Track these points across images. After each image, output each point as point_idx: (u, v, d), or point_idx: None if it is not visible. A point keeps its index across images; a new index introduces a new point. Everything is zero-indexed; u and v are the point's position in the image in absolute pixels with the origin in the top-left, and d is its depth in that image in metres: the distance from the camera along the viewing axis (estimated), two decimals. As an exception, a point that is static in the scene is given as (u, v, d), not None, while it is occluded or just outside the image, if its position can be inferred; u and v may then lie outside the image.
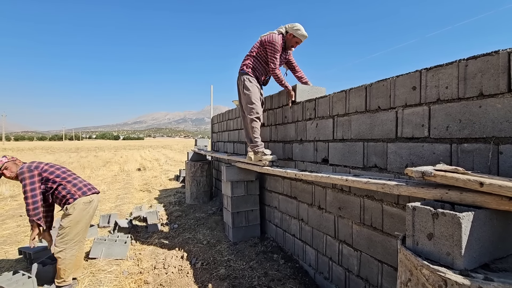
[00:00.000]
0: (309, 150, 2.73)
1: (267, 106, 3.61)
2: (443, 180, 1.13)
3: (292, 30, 3.00)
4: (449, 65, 1.49)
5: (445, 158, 1.51)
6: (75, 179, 2.66)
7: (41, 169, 2.51)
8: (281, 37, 3.02)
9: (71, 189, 2.56)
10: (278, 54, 2.97)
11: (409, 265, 1.06)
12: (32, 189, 2.37)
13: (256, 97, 3.09)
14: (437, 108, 1.55)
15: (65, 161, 16.75)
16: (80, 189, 2.60)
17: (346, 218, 2.25)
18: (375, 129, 1.96)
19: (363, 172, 2.05)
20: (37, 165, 2.51)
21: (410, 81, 1.70)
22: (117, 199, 6.52)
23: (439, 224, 0.99)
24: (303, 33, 2.99)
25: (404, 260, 1.10)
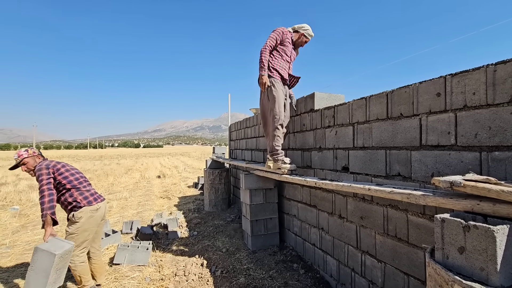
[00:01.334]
0: (329, 158, 2.70)
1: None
2: (474, 191, 1.08)
3: (301, 30, 3.15)
4: (476, 70, 1.44)
5: (474, 167, 1.44)
6: (84, 188, 2.64)
7: (57, 170, 2.54)
8: (289, 31, 3.12)
9: (78, 197, 2.53)
10: (275, 36, 2.99)
11: (439, 280, 1.02)
12: (49, 182, 2.42)
13: (280, 102, 2.95)
14: (464, 115, 1.50)
15: (89, 168, 17.48)
16: (86, 198, 2.58)
17: (369, 228, 2.19)
18: (397, 136, 1.92)
19: (386, 181, 2.00)
20: (55, 165, 2.58)
21: (434, 87, 1.66)
22: (138, 205, 6.70)
23: (471, 237, 0.95)
24: (310, 33, 3.16)
25: (433, 275, 1.06)
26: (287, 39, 3.07)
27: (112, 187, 9.64)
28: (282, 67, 3.04)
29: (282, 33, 3.03)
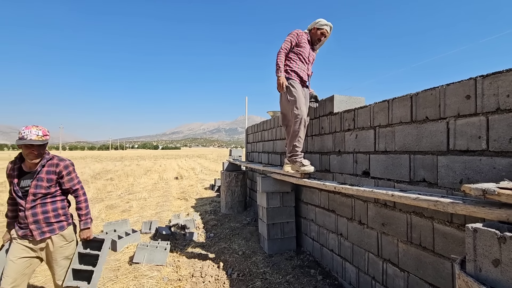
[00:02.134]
0: (348, 162, 2.63)
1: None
2: (510, 200, 1.01)
3: (315, 24, 3.08)
4: (510, 71, 1.36)
5: (508, 173, 1.36)
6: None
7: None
8: (305, 32, 3.09)
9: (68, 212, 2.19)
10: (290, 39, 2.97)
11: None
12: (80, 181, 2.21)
13: (301, 102, 2.89)
14: (496, 118, 1.42)
15: (111, 169, 18.13)
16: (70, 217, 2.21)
17: (391, 235, 2.11)
18: (422, 140, 1.84)
19: (410, 186, 1.92)
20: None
21: (463, 89, 1.58)
22: (157, 206, 6.85)
23: (507, 249, 0.89)
24: (325, 23, 3.05)
25: (463, 287, 1.00)
26: (303, 41, 3.03)
27: (132, 188, 9.93)
28: (300, 68, 3.01)
29: (297, 35, 3.00)
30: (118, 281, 2.98)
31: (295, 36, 2.99)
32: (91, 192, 8.72)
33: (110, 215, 5.93)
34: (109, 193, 8.86)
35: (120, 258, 3.60)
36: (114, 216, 5.89)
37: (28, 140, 1.86)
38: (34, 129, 1.91)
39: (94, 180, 12.06)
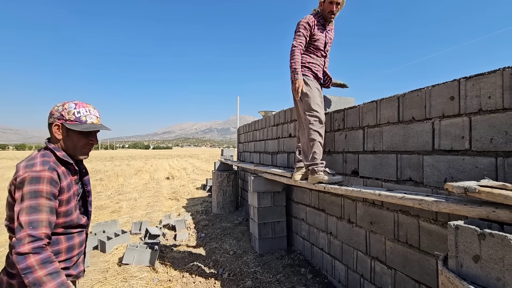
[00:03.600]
0: (338, 161, 2.67)
1: (293, 116, 3.60)
2: (490, 197, 1.05)
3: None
4: (492, 73, 1.40)
5: (489, 172, 1.40)
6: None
7: None
8: (314, 13, 2.58)
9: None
10: (304, 33, 2.48)
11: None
12: None
13: (317, 101, 2.48)
14: (479, 119, 1.46)
15: (101, 169, 17.82)
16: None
17: (379, 233, 2.15)
18: (409, 140, 1.88)
19: (397, 185, 1.96)
20: None
21: (448, 90, 1.62)
22: (147, 206, 6.77)
23: (487, 245, 0.92)
24: None
25: (446, 283, 1.03)
26: (317, 28, 2.54)
27: (122, 188, 9.79)
28: (315, 63, 2.61)
29: (308, 25, 2.49)
30: (107, 283, 2.94)
31: (308, 27, 2.49)
32: (79, 193, 8.56)
33: (99, 216, 5.83)
34: (99, 193, 8.71)
35: (109, 260, 3.54)
36: (103, 217, 5.79)
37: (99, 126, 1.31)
38: (91, 108, 1.32)
39: (83, 181, 11.83)
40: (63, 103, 1.27)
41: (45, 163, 1.15)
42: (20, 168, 1.12)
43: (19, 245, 0.99)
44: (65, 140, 1.26)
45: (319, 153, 2.40)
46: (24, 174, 1.09)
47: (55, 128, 1.24)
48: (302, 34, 2.48)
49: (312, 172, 2.41)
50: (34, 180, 1.09)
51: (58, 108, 1.25)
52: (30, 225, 1.03)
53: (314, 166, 2.39)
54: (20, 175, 1.09)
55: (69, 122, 1.24)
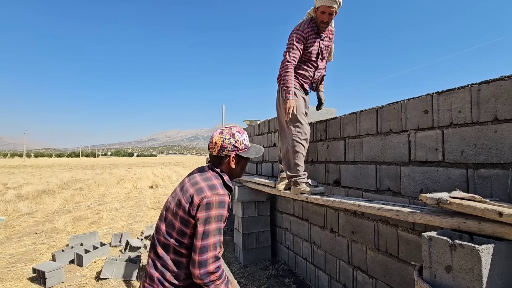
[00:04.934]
0: (320, 171, 2.70)
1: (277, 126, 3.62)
2: (460, 209, 1.09)
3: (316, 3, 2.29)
4: (461, 89, 1.48)
5: (461, 183, 1.46)
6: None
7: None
8: (308, 20, 2.37)
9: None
10: (297, 46, 2.30)
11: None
12: None
13: (302, 111, 2.40)
14: (450, 132, 1.53)
15: (81, 178, 17.17)
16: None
17: (360, 242, 2.18)
18: (387, 152, 1.94)
19: (376, 195, 2.01)
20: None
21: (422, 104, 1.70)
22: (129, 217, 6.56)
23: (458, 256, 0.95)
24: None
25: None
26: (310, 38, 2.36)
27: (102, 198, 9.45)
28: (304, 74, 2.47)
29: (302, 37, 2.31)
30: (83, 299, 2.81)
31: (302, 39, 2.31)
32: (57, 203, 8.19)
33: (77, 228, 5.59)
34: (77, 203, 8.37)
35: (86, 274, 3.39)
36: (81, 228, 5.56)
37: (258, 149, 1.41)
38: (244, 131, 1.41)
39: (61, 190, 11.35)
40: (230, 133, 1.33)
41: (222, 186, 1.27)
42: (205, 190, 1.20)
43: (206, 264, 1.11)
44: (236, 166, 1.36)
45: (302, 165, 2.37)
46: (212, 197, 1.18)
47: (231, 159, 1.33)
48: (295, 48, 2.30)
49: (294, 184, 2.38)
50: (221, 204, 1.19)
51: (229, 140, 1.31)
52: (215, 247, 1.14)
53: (296, 178, 2.36)
54: (208, 197, 1.17)
55: (241, 151, 1.34)
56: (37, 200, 8.82)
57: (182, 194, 1.24)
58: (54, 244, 4.55)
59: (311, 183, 2.32)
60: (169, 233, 1.21)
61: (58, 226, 5.58)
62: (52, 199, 8.94)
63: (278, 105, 2.53)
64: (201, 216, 1.15)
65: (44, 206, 7.96)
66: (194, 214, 1.16)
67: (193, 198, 1.18)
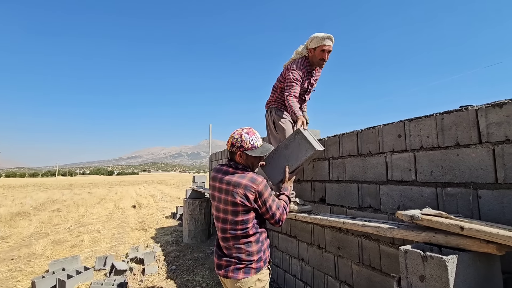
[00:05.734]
0: (307, 189, 2.85)
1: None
2: (430, 224, 1.25)
3: (310, 44, 2.50)
4: (428, 117, 1.70)
5: (432, 201, 1.64)
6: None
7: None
8: (303, 60, 2.57)
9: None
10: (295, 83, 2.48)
11: (405, 307, 1.14)
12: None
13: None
14: (421, 154, 1.73)
15: (58, 198, 16.39)
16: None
17: (346, 257, 2.30)
18: (367, 171, 2.12)
19: (359, 212, 2.16)
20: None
21: (396, 129, 1.90)
22: (112, 239, 6.36)
23: (429, 266, 1.10)
24: (322, 36, 2.42)
25: (401, 302, 1.18)
26: (305, 76, 2.60)
27: (83, 219, 9.09)
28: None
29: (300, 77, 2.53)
30: (67, 328, 2.71)
31: (300, 79, 2.52)
32: (33, 226, 7.80)
33: (57, 252, 5.35)
34: (56, 226, 8.01)
35: (69, 301, 3.27)
36: (62, 252, 5.33)
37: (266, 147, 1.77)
38: (257, 133, 1.76)
39: (37, 212, 10.80)
40: (239, 134, 1.68)
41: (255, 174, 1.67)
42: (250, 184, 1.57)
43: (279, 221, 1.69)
44: (246, 161, 1.71)
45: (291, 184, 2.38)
46: (258, 186, 1.59)
47: (238, 155, 1.68)
48: (295, 86, 2.48)
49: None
50: (266, 186, 1.63)
51: (237, 140, 1.67)
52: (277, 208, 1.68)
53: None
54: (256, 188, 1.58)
55: (248, 150, 1.67)
56: (10, 223, 8.36)
57: (232, 196, 1.58)
58: (33, 270, 4.35)
59: (299, 201, 2.44)
60: (234, 228, 1.59)
61: (36, 251, 5.33)
62: (28, 222, 8.52)
63: (269, 128, 2.73)
64: (261, 201, 1.60)
65: (19, 229, 7.56)
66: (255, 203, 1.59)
67: (247, 195, 1.56)
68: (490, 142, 1.40)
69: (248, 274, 1.57)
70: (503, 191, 1.34)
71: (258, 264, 1.61)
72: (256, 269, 1.59)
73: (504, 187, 1.34)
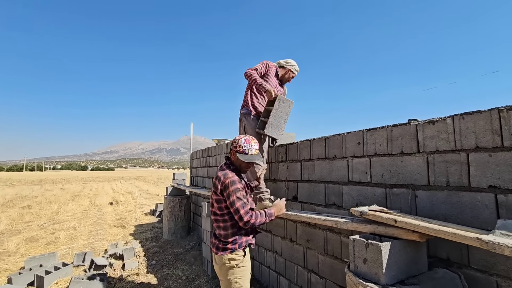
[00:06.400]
0: (282, 188, 3.12)
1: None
2: (374, 218, 1.55)
3: (287, 65, 3.14)
4: (381, 128, 2.00)
5: (382, 199, 1.96)
6: None
7: None
8: (275, 65, 3.11)
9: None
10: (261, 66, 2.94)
11: (351, 284, 1.43)
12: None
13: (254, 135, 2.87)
14: (375, 160, 2.04)
15: (27, 194, 15.67)
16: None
17: (313, 249, 2.60)
18: (333, 173, 2.42)
19: (325, 209, 2.46)
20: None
21: (356, 137, 2.20)
22: (89, 236, 6.33)
23: (370, 251, 1.39)
24: (296, 68, 3.19)
25: (349, 281, 1.47)
26: (270, 72, 3.03)
27: (57, 216, 8.87)
28: (261, 104, 3.03)
29: (267, 66, 3.01)
30: (49, 320, 2.80)
31: (265, 65, 2.99)
32: (3, 223, 7.52)
33: (31, 249, 5.28)
34: (28, 223, 7.77)
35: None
36: (37, 250, 5.27)
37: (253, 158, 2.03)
38: (254, 143, 2.07)
39: (5, 209, 10.34)
40: (238, 138, 2.06)
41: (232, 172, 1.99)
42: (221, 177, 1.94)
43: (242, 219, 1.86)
44: (236, 161, 2.06)
45: (263, 184, 2.76)
46: (226, 180, 1.91)
47: (232, 153, 2.07)
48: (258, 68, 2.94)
49: (259, 200, 2.78)
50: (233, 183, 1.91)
51: (235, 142, 2.05)
52: (242, 207, 1.88)
53: (260, 195, 2.77)
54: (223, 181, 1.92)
55: (238, 152, 2.02)
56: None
57: (213, 186, 1.99)
58: (7, 268, 4.31)
59: (273, 199, 2.72)
60: (215, 213, 1.98)
61: (9, 248, 5.23)
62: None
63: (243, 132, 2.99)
64: (226, 194, 1.90)
65: (-14, 227, 7.27)
66: (221, 194, 1.93)
67: (216, 185, 1.95)
68: (425, 152, 1.72)
69: (224, 252, 1.93)
70: (433, 192, 1.67)
71: (233, 246, 1.94)
72: (231, 249, 1.93)
73: (434, 188, 1.67)
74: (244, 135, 2.09)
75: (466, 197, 1.51)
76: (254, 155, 2.04)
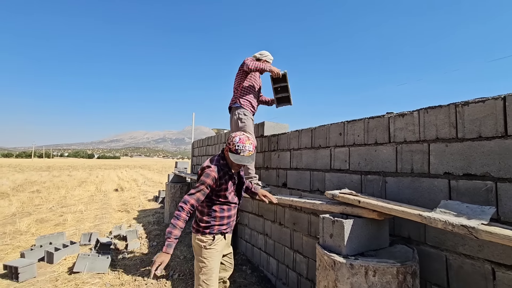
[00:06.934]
0: (273, 175, 3.32)
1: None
2: (343, 200, 1.74)
3: (263, 57, 3.21)
4: (359, 120, 2.17)
5: (358, 185, 2.15)
6: None
7: None
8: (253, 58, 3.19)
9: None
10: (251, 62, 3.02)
11: (319, 255, 1.64)
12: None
13: (250, 130, 3.06)
14: (353, 149, 2.22)
15: (36, 180, 16.21)
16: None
17: (299, 231, 2.81)
18: (317, 161, 2.60)
19: (310, 194, 2.66)
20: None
21: (338, 128, 2.38)
22: (95, 219, 6.67)
23: (335, 227, 1.58)
24: (271, 57, 3.25)
25: (317, 253, 1.68)
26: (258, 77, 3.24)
27: (65, 200, 9.26)
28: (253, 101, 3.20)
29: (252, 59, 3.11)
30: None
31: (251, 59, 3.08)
32: (14, 206, 7.92)
33: (41, 230, 5.62)
34: (37, 206, 8.16)
35: (57, 270, 3.63)
36: (46, 230, 5.61)
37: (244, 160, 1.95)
38: (248, 145, 1.96)
39: (16, 193, 10.79)
40: (234, 136, 2.00)
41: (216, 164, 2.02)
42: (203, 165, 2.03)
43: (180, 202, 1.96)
44: (227, 157, 2.04)
45: (253, 170, 3.05)
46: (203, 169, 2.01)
47: (225, 149, 2.05)
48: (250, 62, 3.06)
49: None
50: (206, 174, 1.97)
51: (230, 139, 2.00)
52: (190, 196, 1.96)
53: (249, 180, 2.94)
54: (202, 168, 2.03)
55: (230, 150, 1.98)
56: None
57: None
58: (20, 245, 4.64)
59: (261, 184, 2.94)
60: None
61: (21, 228, 5.57)
62: (8, 202, 8.60)
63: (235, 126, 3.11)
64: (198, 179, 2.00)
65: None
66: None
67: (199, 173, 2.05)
68: (395, 142, 1.90)
69: (196, 233, 2.11)
70: (400, 178, 1.85)
71: (205, 230, 2.08)
72: (202, 232, 2.09)
73: (400, 175, 1.85)
74: (241, 134, 2.00)
75: (426, 183, 1.69)
76: (245, 156, 1.94)
